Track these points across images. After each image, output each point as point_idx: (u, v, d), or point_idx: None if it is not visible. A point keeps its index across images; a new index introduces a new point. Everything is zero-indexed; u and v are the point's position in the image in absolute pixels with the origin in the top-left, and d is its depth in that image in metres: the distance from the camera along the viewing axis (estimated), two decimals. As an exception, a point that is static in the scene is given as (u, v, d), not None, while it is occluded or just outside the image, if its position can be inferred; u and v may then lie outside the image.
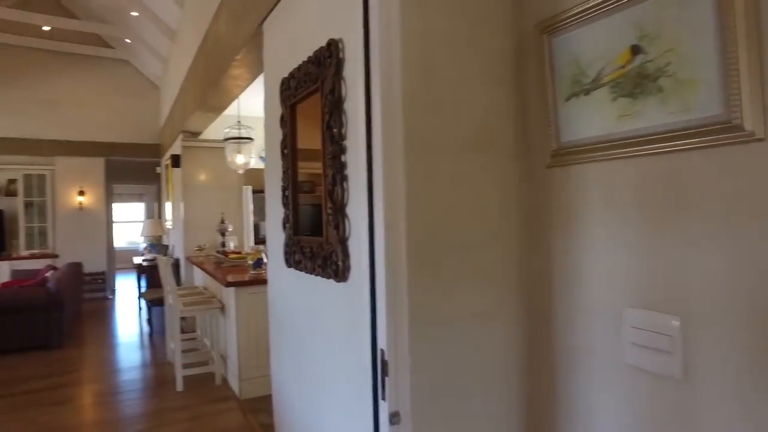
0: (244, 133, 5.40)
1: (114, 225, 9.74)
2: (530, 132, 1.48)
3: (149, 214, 12.27)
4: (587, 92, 1.29)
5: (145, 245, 8.57)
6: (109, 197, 9.18)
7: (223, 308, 4.22)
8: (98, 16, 7.85)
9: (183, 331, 5.43)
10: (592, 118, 1.27)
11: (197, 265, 5.27)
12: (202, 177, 6.54)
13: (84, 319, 7.03)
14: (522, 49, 1.50)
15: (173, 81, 6.90)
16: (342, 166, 1.74)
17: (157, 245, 8.18)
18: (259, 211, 6.88)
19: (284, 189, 2.32)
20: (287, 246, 2.30)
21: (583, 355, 1.32)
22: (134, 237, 9.80)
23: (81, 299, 7.37)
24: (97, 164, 8.60)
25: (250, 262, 4.43)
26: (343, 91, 1.74)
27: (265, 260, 4.04)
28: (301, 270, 2.15)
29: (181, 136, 6.35)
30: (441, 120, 1.39)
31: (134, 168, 9.35)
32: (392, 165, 1.33)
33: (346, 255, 1.74)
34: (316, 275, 1.98)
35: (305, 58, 2.00)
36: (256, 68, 3.55)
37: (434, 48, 1.40)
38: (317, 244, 1.95)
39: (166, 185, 8.12)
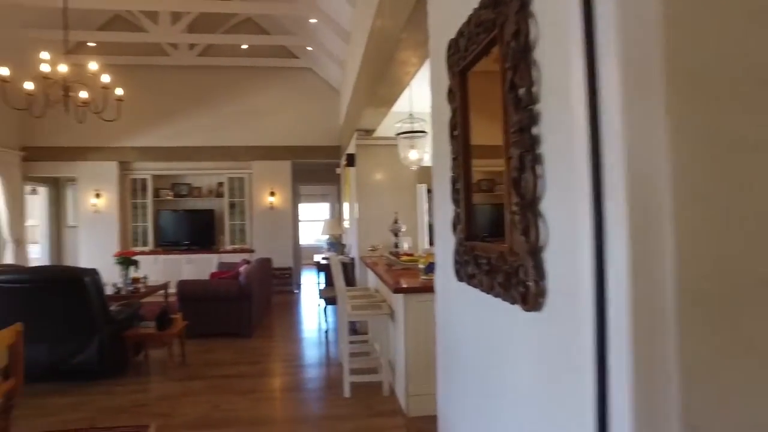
0: (416, 127, 5.08)
1: (300, 224, 10.49)
2: None
3: (333, 214, 13.04)
4: None
5: (326, 244, 8.98)
6: (296, 197, 9.88)
7: (392, 314, 3.93)
8: (283, 28, 8.46)
9: (356, 332, 5.37)
10: None
11: (369, 266, 5.13)
12: (376, 175, 6.47)
13: (272, 311, 7.57)
14: None
15: (349, 82, 6.99)
16: (533, 142, 1.17)
17: (336, 244, 8.47)
18: (433, 210, 6.57)
19: (454, 181, 1.83)
20: (457, 254, 1.81)
21: None
22: (319, 236, 10.42)
23: (270, 292, 7.97)
24: (285, 167, 9.30)
25: (421, 266, 4.06)
26: (532, 32, 1.18)
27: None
28: (475, 287, 1.63)
29: (355, 135, 6.36)
30: (737, 44, 0.74)
31: (318, 169, 9.93)
32: (641, 124, 0.73)
33: (539, 273, 1.17)
34: (496, 296, 1.44)
35: (477, 5, 1.48)
36: (422, 50, 3.21)
37: None
38: (497, 254, 1.41)
39: (344, 185, 8.36)
